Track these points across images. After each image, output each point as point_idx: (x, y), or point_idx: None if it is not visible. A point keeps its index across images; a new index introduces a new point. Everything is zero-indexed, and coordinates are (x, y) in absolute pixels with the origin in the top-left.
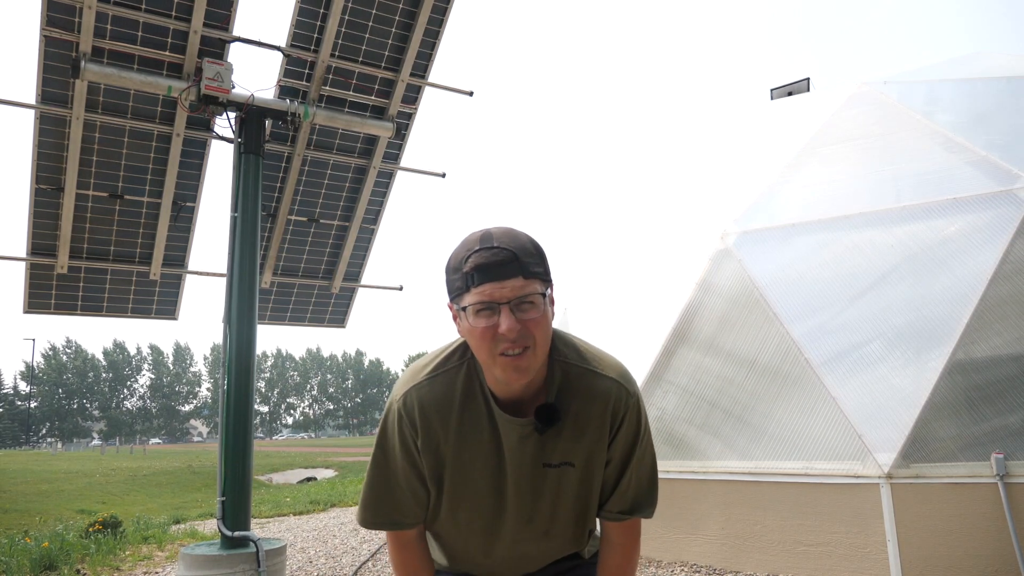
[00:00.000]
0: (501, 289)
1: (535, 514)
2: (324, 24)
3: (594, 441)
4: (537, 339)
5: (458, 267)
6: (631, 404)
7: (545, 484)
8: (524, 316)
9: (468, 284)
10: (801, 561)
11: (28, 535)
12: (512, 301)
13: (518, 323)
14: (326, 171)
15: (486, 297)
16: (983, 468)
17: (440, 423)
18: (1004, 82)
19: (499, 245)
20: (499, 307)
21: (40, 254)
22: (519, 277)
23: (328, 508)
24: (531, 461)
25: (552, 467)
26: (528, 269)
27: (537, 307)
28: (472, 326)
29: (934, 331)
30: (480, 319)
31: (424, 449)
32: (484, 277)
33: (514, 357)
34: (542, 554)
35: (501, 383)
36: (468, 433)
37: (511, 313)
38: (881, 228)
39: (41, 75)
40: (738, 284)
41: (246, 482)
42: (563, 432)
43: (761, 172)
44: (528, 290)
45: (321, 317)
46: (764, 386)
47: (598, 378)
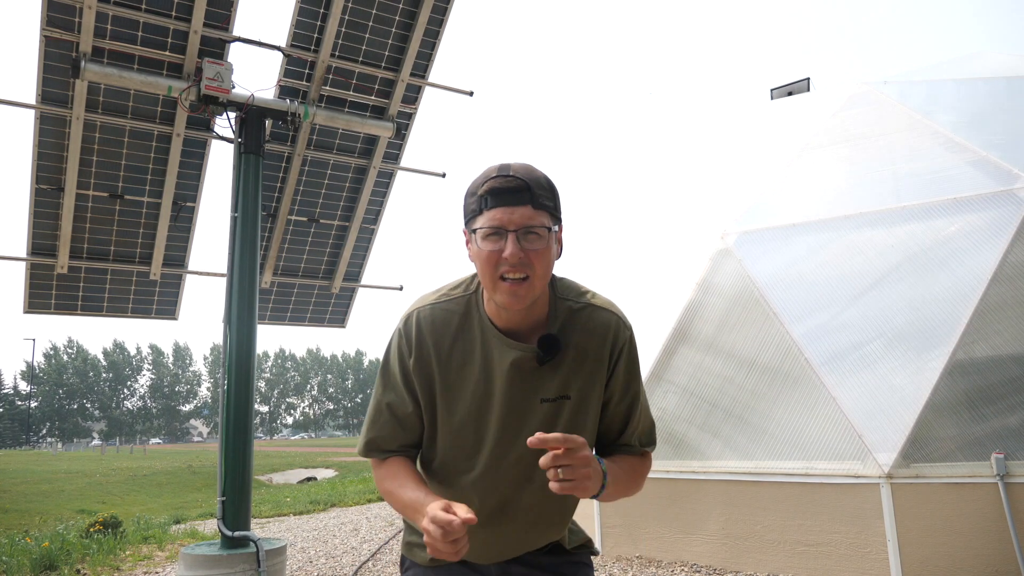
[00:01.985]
0: (510, 215)
1: (518, 451)
2: (324, 24)
3: (591, 373)
4: (536, 270)
5: (474, 191)
6: (628, 337)
7: (534, 420)
8: (528, 246)
9: (481, 207)
10: (801, 561)
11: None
12: (519, 229)
13: (522, 251)
14: (326, 171)
15: (495, 222)
16: (983, 468)
17: (434, 344)
18: (1004, 82)
19: (514, 174)
20: (506, 233)
21: (40, 254)
22: (528, 206)
23: (328, 508)
24: (523, 394)
25: (549, 401)
26: (538, 200)
27: (542, 239)
28: (480, 249)
29: (934, 331)
30: (487, 243)
31: (416, 370)
32: (496, 202)
33: (513, 283)
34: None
35: (500, 309)
36: (460, 358)
37: (517, 241)
38: (881, 228)
39: (41, 75)
40: (738, 284)
41: (246, 482)
42: (562, 364)
43: (761, 172)
44: (536, 221)
45: (321, 317)
46: (764, 386)
47: (598, 311)
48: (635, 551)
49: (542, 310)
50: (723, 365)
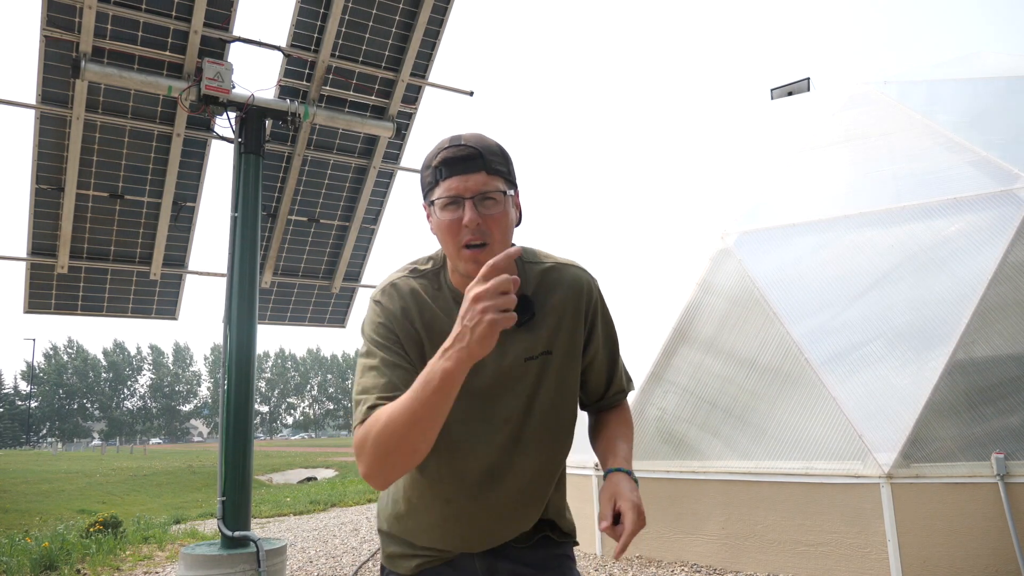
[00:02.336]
0: (465, 183)
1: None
2: (324, 24)
3: (571, 329)
4: (495, 235)
5: (428, 164)
6: (597, 288)
7: (521, 379)
8: (486, 211)
9: (437, 179)
10: (801, 561)
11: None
12: (475, 196)
13: (480, 217)
14: (326, 171)
15: (452, 191)
16: (983, 468)
17: (417, 311)
18: (1004, 82)
19: (466, 143)
20: (463, 201)
21: (40, 254)
22: (482, 173)
23: (328, 508)
24: (506, 357)
25: (533, 359)
26: (491, 166)
27: (498, 203)
28: (439, 219)
29: (934, 331)
30: (446, 212)
31: (403, 335)
32: (450, 171)
33: (475, 250)
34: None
35: (465, 277)
36: (439, 327)
37: (474, 207)
38: (881, 228)
39: (41, 75)
40: (738, 284)
41: (246, 482)
42: (541, 323)
43: (761, 172)
44: (490, 186)
45: (321, 317)
46: (764, 386)
47: (566, 268)
48: (635, 551)
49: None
50: (723, 365)
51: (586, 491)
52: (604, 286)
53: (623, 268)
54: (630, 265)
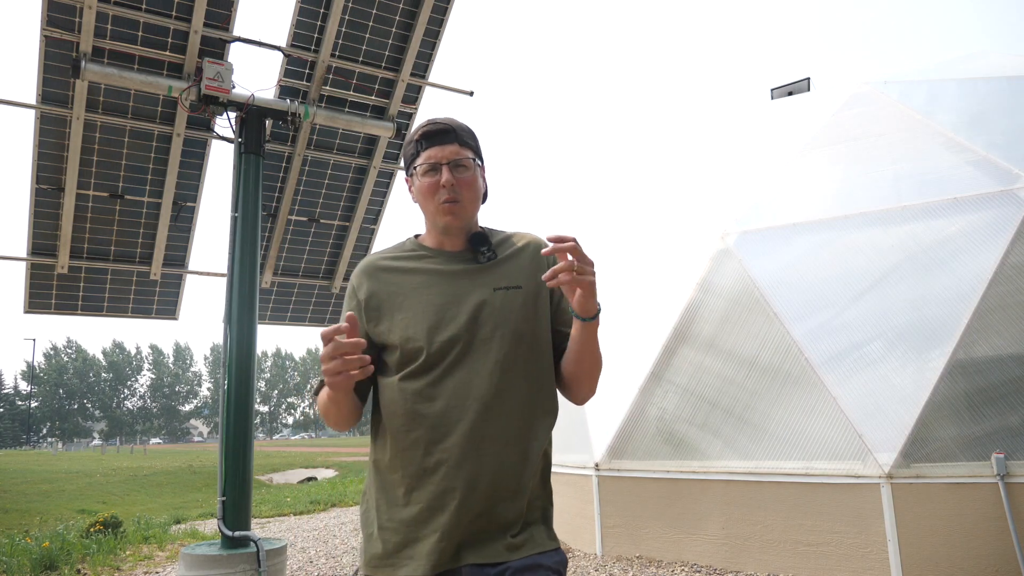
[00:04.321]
0: (441, 151)
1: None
2: (324, 24)
3: (532, 270)
4: (466, 196)
5: (411, 140)
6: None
7: (491, 306)
8: (459, 175)
9: (418, 150)
10: (801, 561)
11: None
12: (451, 162)
13: (454, 179)
14: (326, 171)
15: (431, 159)
16: (983, 468)
17: (383, 273)
18: (1004, 82)
19: (441, 121)
20: (440, 166)
21: (40, 254)
22: (455, 144)
23: (329, 508)
24: (475, 288)
25: (502, 289)
26: (463, 139)
27: (469, 169)
28: (420, 183)
29: (934, 331)
30: (427, 177)
31: (367, 304)
32: (429, 143)
33: (450, 204)
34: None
35: (442, 238)
36: (410, 282)
37: (450, 171)
38: (881, 228)
39: (41, 75)
40: (738, 284)
41: (246, 482)
42: (505, 262)
43: (761, 172)
44: (463, 154)
45: (321, 317)
46: (764, 386)
47: (523, 233)
48: (635, 551)
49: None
50: (723, 365)
51: (586, 491)
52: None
53: (623, 268)
54: (630, 265)
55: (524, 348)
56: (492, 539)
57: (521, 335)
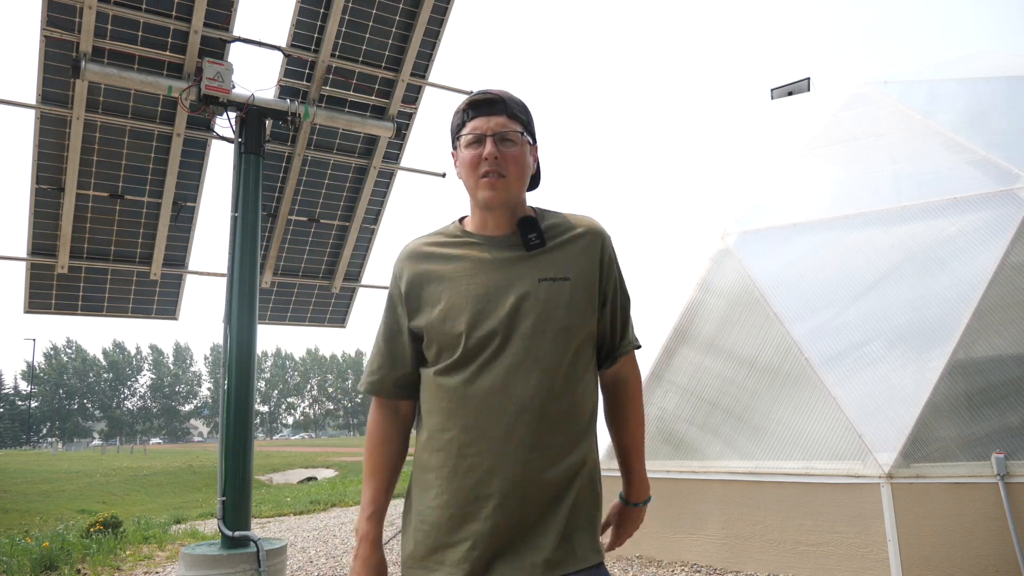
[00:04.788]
0: (487, 123)
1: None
2: (324, 24)
3: (586, 263)
4: (511, 172)
5: (458, 110)
6: (610, 239)
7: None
8: (504, 149)
9: (464, 120)
10: (801, 561)
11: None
12: (496, 134)
13: (498, 152)
14: (326, 171)
15: (476, 130)
16: (983, 468)
17: (425, 260)
18: (1004, 82)
19: (491, 91)
20: (485, 138)
21: (40, 254)
22: (503, 116)
23: (329, 508)
24: (519, 277)
25: (548, 281)
26: (512, 112)
27: (516, 144)
28: (463, 155)
29: (934, 331)
30: (470, 149)
31: (408, 292)
32: (475, 113)
33: (492, 178)
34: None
35: (485, 218)
36: (453, 268)
37: (494, 143)
38: (881, 228)
39: (41, 75)
40: (738, 284)
41: (246, 482)
42: (554, 252)
43: (761, 172)
44: (510, 127)
45: (321, 317)
46: (764, 386)
47: (579, 217)
48: (635, 551)
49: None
50: (723, 365)
51: None
52: None
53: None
54: (631, 265)
55: (568, 346)
56: (529, 551)
57: (566, 331)
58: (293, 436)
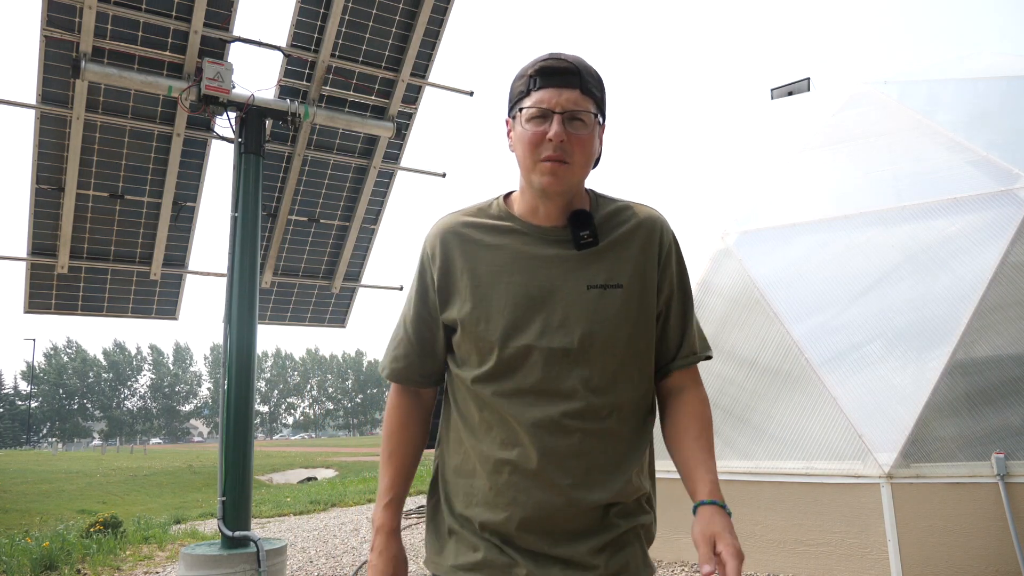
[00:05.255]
0: (558, 97)
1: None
2: (324, 24)
3: (642, 265)
4: (577, 157)
5: (523, 74)
6: (672, 232)
7: (582, 308)
8: (573, 131)
9: (529, 88)
10: (801, 561)
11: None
12: (565, 112)
13: (565, 134)
14: (326, 171)
15: (543, 103)
16: (983, 468)
17: (461, 249)
18: (1004, 82)
19: (566, 58)
20: (552, 115)
21: (41, 254)
22: (577, 91)
23: (329, 508)
24: (565, 282)
25: (597, 288)
26: (587, 86)
27: (587, 126)
28: (523, 130)
29: (934, 331)
30: (532, 124)
31: (440, 281)
32: (545, 82)
33: (555, 163)
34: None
35: (536, 204)
36: (490, 259)
37: (562, 123)
38: (881, 228)
39: (41, 75)
40: (738, 284)
41: (246, 482)
42: (607, 252)
43: (761, 172)
44: (582, 105)
45: (321, 317)
46: (764, 386)
47: (641, 207)
48: None
49: (582, 205)
50: (723, 365)
51: None
52: None
53: None
54: None
55: (617, 362)
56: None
57: (614, 346)
58: (293, 436)
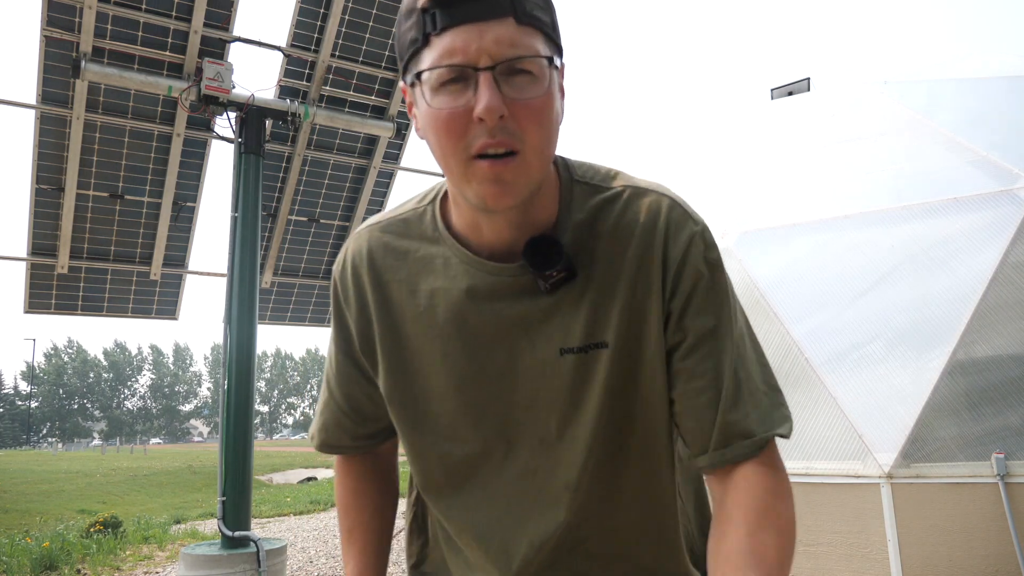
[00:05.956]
0: (479, 38)
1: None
2: (324, 24)
3: (640, 301)
4: (531, 137)
5: (411, 7)
6: (694, 234)
7: (553, 385)
8: (516, 93)
9: (425, 30)
10: (801, 561)
11: (29, 535)
12: (497, 64)
13: (504, 102)
14: (326, 171)
15: (456, 55)
16: (984, 468)
17: (376, 281)
18: (1004, 82)
19: None
20: (475, 73)
21: (41, 254)
22: (510, 18)
23: (329, 508)
24: (529, 344)
25: (573, 352)
26: (526, 9)
27: (538, 81)
28: (430, 108)
29: (934, 331)
30: (443, 96)
31: (359, 330)
32: (450, 18)
33: (496, 160)
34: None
35: (477, 216)
36: (417, 296)
37: (494, 84)
38: (881, 228)
39: (41, 75)
40: (738, 284)
41: (246, 482)
42: (587, 290)
43: (761, 172)
44: (524, 44)
45: (321, 317)
46: None
47: (639, 195)
48: None
49: (546, 211)
50: None
51: None
52: None
53: None
54: None
55: (615, 452)
56: None
57: (608, 431)
58: (293, 436)
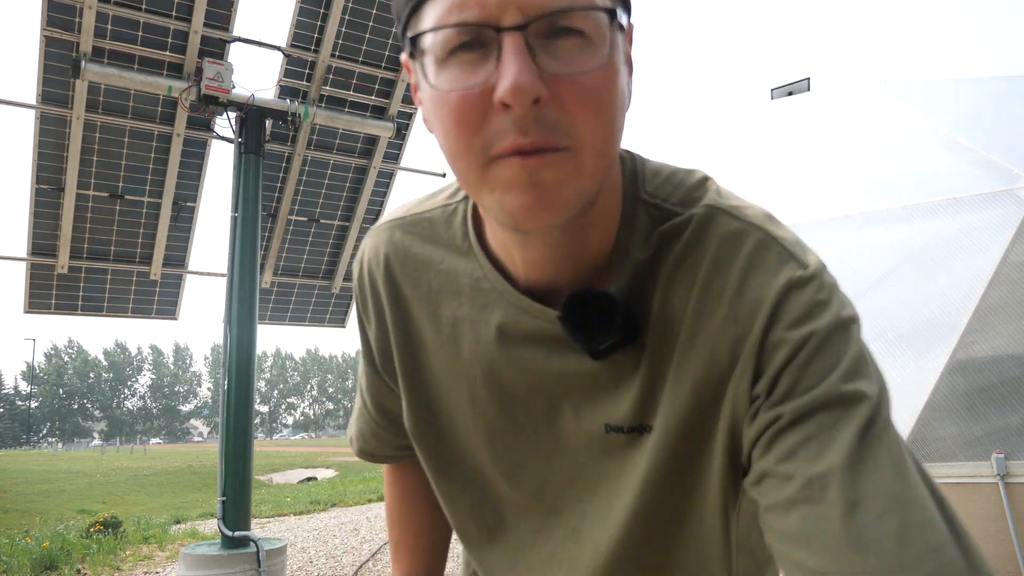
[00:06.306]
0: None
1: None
2: (324, 24)
3: (706, 376)
4: (581, 131)
5: None
6: (819, 300)
7: (592, 460)
8: (559, 66)
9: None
10: None
11: (29, 535)
12: (531, 21)
13: (542, 77)
14: (326, 171)
15: (468, 8)
16: (984, 468)
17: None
18: (1004, 82)
19: None
20: (497, 35)
21: (41, 254)
22: None
23: (329, 508)
24: (573, 411)
25: (618, 432)
26: None
27: (594, 46)
28: (435, 89)
29: (934, 331)
30: (451, 69)
31: (378, 345)
32: None
33: (528, 157)
34: None
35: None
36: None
37: (526, 51)
38: (881, 228)
39: (41, 75)
40: None
41: (246, 482)
42: (642, 354)
43: (761, 172)
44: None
45: (321, 317)
46: None
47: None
48: None
49: (601, 238)
50: None
51: None
52: None
53: None
54: None
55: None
56: None
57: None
58: (293, 436)
